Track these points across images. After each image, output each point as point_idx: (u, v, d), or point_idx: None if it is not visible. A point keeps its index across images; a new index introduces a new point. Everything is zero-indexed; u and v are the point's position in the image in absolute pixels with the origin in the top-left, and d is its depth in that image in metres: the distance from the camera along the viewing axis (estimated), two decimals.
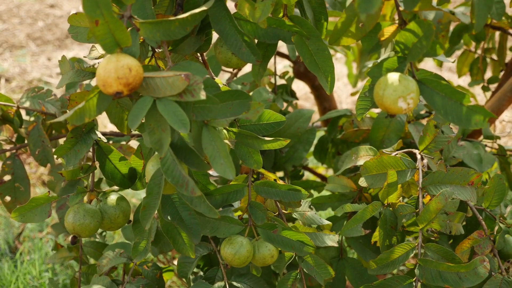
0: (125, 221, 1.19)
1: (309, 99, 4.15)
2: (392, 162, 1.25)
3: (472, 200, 1.21)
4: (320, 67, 1.09)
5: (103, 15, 0.82)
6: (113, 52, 0.86)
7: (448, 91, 0.91)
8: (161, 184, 0.96)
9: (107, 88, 0.84)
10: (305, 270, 1.23)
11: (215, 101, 0.89)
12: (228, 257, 1.15)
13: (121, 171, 1.20)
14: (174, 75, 0.84)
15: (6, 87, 4.37)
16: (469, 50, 2.31)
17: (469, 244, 1.27)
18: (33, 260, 2.57)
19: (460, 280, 1.12)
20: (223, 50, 1.10)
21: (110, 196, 1.19)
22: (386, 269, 1.19)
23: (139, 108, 0.86)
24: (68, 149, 1.12)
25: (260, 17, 0.95)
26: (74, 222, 1.12)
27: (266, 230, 1.18)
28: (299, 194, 1.19)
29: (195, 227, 1.12)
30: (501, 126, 3.79)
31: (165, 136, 0.88)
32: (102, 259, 1.41)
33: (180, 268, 1.36)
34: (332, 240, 1.25)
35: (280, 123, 1.13)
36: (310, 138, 1.79)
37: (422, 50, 0.92)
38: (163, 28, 0.90)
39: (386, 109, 0.91)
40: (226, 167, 0.91)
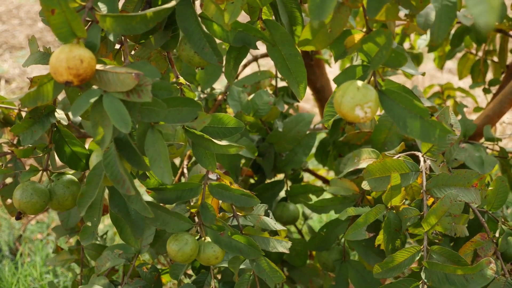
0: (74, 204, 1.21)
1: (309, 101, 4.15)
2: (396, 165, 1.25)
3: (476, 202, 1.21)
4: (292, 72, 1.08)
5: (60, 5, 0.83)
6: (69, 42, 0.87)
7: (409, 104, 0.90)
8: (101, 175, 0.97)
9: (58, 77, 0.86)
10: (256, 272, 1.24)
11: (163, 105, 0.90)
12: (171, 253, 1.17)
13: (77, 155, 1.21)
14: (126, 72, 0.85)
15: (6, 88, 4.37)
16: (470, 52, 2.31)
17: (472, 247, 1.27)
18: (34, 262, 2.57)
19: (467, 282, 1.12)
20: (186, 48, 1.10)
21: (62, 177, 1.20)
22: (391, 272, 1.19)
23: (84, 99, 0.87)
24: (25, 128, 1.13)
25: (229, 19, 0.96)
26: (21, 199, 1.14)
27: (214, 231, 1.20)
28: (251, 201, 1.21)
29: (140, 221, 1.12)
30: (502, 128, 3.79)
31: (108, 132, 0.88)
32: (100, 259, 1.41)
33: (172, 269, 1.36)
34: (284, 246, 1.26)
35: (238, 128, 1.14)
36: (310, 142, 1.79)
37: (382, 59, 0.92)
38: (124, 22, 0.90)
39: (344, 116, 0.91)
40: (165, 171, 0.91)
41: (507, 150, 1.83)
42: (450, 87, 2.41)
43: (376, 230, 1.39)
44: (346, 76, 0.96)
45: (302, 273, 1.79)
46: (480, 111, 2.32)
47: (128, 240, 1.20)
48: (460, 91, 2.37)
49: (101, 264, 1.40)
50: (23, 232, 2.79)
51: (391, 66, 0.94)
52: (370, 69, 0.94)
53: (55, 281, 2.46)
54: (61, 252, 1.71)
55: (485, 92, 2.24)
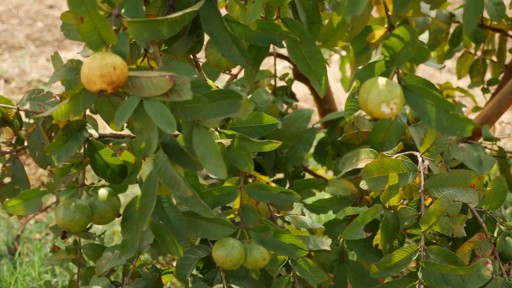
0: (115, 216, 1.20)
1: (308, 101, 4.15)
2: (394, 165, 1.25)
3: (474, 202, 1.21)
4: (313, 70, 1.09)
5: (89, 12, 0.82)
6: (99, 50, 0.86)
7: (433, 99, 0.91)
8: (156, 185, 0.96)
9: (91, 86, 0.85)
10: (298, 273, 1.23)
11: (204, 100, 0.89)
12: (219, 259, 1.15)
13: (111, 167, 1.21)
14: (159, 75, 0.85)
15: (5, 88, 4.37)
16: (469, 52, 2.31)
17: (469, 247, 1.27)
18: (32, 262, 2.57)
19: (464, 282, 1.12)
20: (213, 51, 1.10)
21: (100, 191, 1.20)
22: (388, 272, 1.19)
23: (126, 108, 0.87)
24: (59, 146, 1.13)
25: (250, 19, 0.95)
26: (64, 217, 1.13)
27: (258, 232, 1.18)
28: (291, 197, 1.19)
29: (182, 228, 1.12)
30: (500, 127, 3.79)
31: (153, 136, 0.88)
32: (101, 260, 1.41)
33: (178, 270, 1.35)
34: (325, 243, 1.25)
35: (272, 125, 1.13)
36: (310, 138, 1.78)
37: (408, 55, 0.92)
38: (151, 28, 0.90)
39: (370, 113, 0.91)
40: (218, 166, 0.90)
41: (506, 150, 1.83)
42: (449, 87, 2.40)
43: (374, 230, 1.39)
44: (368, 72, 0.96)
45: None
46: (479, 110, 2.31)
47: (170, 249, 1.18)
48: (459, 90, 2.37)
49: (102, 265, 1.40)
50: (22, 231, 2.79)
51: (415, 62, 0.94)
52: (394, 65, 0.94)
53: (54, 280, 2.46)
54: (58, 252, 1.70)
55: (484, 91, 2.24)
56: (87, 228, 1.67)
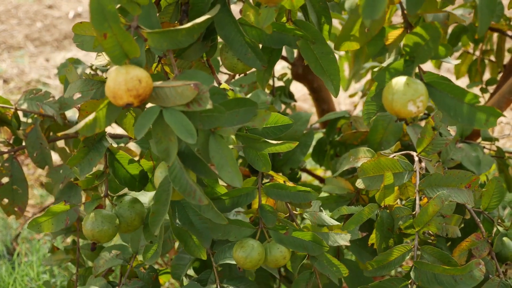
0: (141, 223, 1.20)
1: (307, 101, 4.15)
2: (389, 164, 1.25)
3: (469, 203, 1.21)
4: (326, 70, 1.09)
5: (111, 28, 0.83)
6: (121, 63, 0.87)
7: (457, 93, 0.91)
8: (169, 191, 0.96)
9: (118, 100, 0.85)
10: (318, 269, 1.23)
11: (222, 110, 0.89)
12: (240, 261, 1.16)
13: (131, 174, 1.21)
14: (184, 84, 0.84)
15: (4, 88, 4.37)
16: (468, 52, 2.31)
17: (466, 247, 1.27)
18: (31, 262, 2.57)
19: (456, 283, 1.12)
20: (228, 56, 1.10)
21: (124, 199, 1.20)
22: (382, 271, 1.19)
23: (146, 118, 0.87)
24: (81, 159, 1.13)
25: (264, 22, 0.95)
26: (93, 229, 1.13)
27: (277, 232, 1.19)
28: (308, 195, 1.19)
29: (206, 231, 1.14)
30: (499, 127, 3.79)
31: (172, 145, 0.88)
32: (98, 260, 1.41)
33: (174, 270, 1.36)
34: (344, 239, 1.24)
35: (287, 125, 1.13)
36: (308, 141, 1.78)
37: (430, 53, 0.92)
38: (170, 37, 0.90)
39: (396, 113, 0.91)
40: (234, 175, 0.91)
41: (505, 150, 1.83)
42: None
43: (370, 229, 1.39)
44: (388, 72, 0.96)
45: None
46: None
47: (194, 252, 1.20)
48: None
49: (99, 265, 1.40)
50: (20, 232, 2.79)
51: (437, 58, 0.94)
52: (415, 64, 0.94)
53: (52, 281, 2.46)
54: (57, 252, 1.71)
55: (482, 91, 2.24)
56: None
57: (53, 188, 1.76)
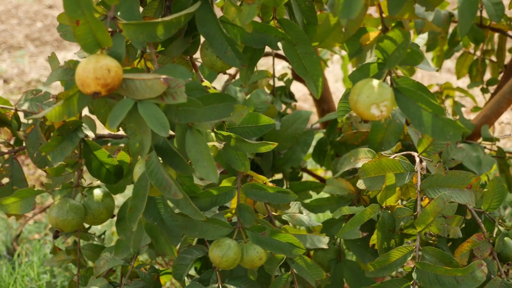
0: (109, 217, 1.20)
1: (307, 101, 4.15)
2: (391, 164, 1.25)
3: (470, 203, 1.21)
4: (308, 71, 1.08)
5: (84, 15, 0.82)
6: (94, 52, 0.86)
7: (424, 102, 0.90)
8: (147, 186, 0.96)
9: (85, 88, 0.85)
10: (296, 271, 1.23)
11: (198, 104, 0.89)
12: (216, 260, 1.16)
13: (107, 168, 1.21)
14: (154, 78, 0.85)
15: (4, 88, 4.37)
16: (468, 52, 2.31)
17: (468, 247, 1.27)
18: (31, 262, 2.57)
19: (458, 284, 1.11)
20: (208, 53, 1.10)
21: (95, 191, 1.20)
22: (383, 271, 1.19)
23: (119, 109, 0.87)
24: (54, 147, 1.13)
25: (246, 20, 0.95)
26: (58, 217, 1.14)
27: (254, 232, 1.19)
28: (287, 197, 1.20)
29: (176, 229, 1.12)
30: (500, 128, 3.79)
31: (146, 138, 0.88)
32: (99, 260, 1.40)
33: (175, 270, 1.35)
34: (322, 242, 1.25)
35: (268, 126, 1.13)
36: (308, 139, 1.78)
37: (400, 58, 0.91)
38: (147, 30, 0.90)
39: (359, 114, 0.91)
40: (209, 170, 0.91)
41: (505, 150, 1.82)
42: (449, 87, 2.40)
43: (371, 230, 1.39)
44: (361, 74, 0.96)
45: None
46: (478, 110, 2.31)
47: (164, 250, 1.19)
48: (459, 91, 2.37)
49: (100, 265, 1.40)
50: (21, 232, 2.79)
51: (408, 64, 0.93)
52: (386, 67, 0.94)
53: (53, 281, 2.46)
54: (58, 253, 1.70)
55: (483, 91, 2.24)
56: (86, 229, 1.67)
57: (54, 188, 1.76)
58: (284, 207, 1.25)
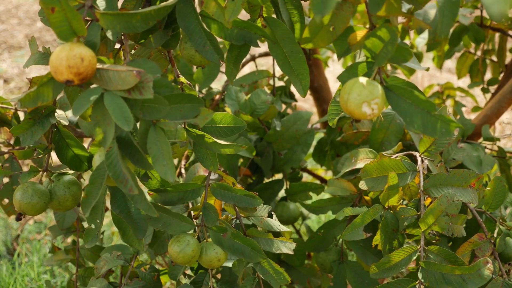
0: (74, 205, 1.20)
1: (308, 101, 4.14)
2: (393, 165, 1.25)
3: (474, 202, 1.21)
4: (294, 69, 1.08)
5: (60, 2, 0.82)
6: (69, 40, 0.86)
7: (415, 99, 0.90)
8: (104, 175, 0.96)
9: (58, 76, 0.85)
10: (260, 274, 1.23)
11: (164, 102, 0.89)
12: (173, 254, 1.15)
13: (77, 155, 1.20)
14: (127, 70, 0.84)
15: (4, 87, 4.36)
16: (469, 52, 2.31)
17: (469, 247, 1.27)
18: (31, 262, 2.56)
19: (464, 282, 1.11)
20: (187, 46, 1.10)
21: (63, 178, 1.19)
22: (388, 272, 1.18)
23: (86, 98, 0.87)
24: (25, 129, 1.13)
25: (230, 17, 0.95)
26: (21, 200, 1.14)
27: (216, 232, 1.18)
28: (254, 201, 1.20)
29: (142, 222, 1.11)
30: (500, 127, 3.79)
31: (110, 130, 0.88)
32: (99, 261, 1.40)
33: (170, 270, 1.35)
34: (288, 247, 1.24)
35: (239, 127, 1.13)
36: (308, 140, 1.78)
37: (388, 55, 0.91)
38: (124, 20, 0.89)
39: (350, 113, 0.91)
40: (168, 169, 0.90)
41: (506, 150, 1.82)
42: (450, 87, 2.40)
43: (374, 230, 1.39)
44: (350, 73, 0.96)
45: (300, 273, 1.78)
46: (479, 110, 2.31)
47: (131, 242, 1.18)
48: (460, 90, 2.37)
49: (100, 266, 1.39)
50: (21, 232, 2.79)
51: (396, 62, 0.93)
52: (375, 66, 0.93)
53: (53, 281, 2.46)
54: (57, 252, 1.70)
55: (484, 91, 2.24)
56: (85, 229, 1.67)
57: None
58: (251, 210, 1.25)
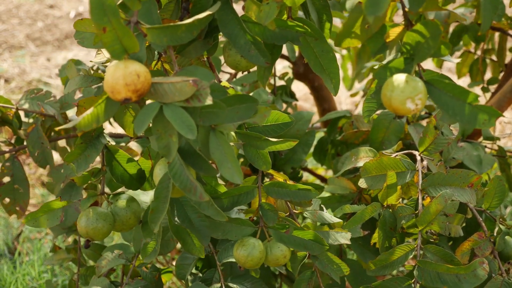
0: (137, 222, 1.20)
1: (308, 100, 4.15)
2: (392, 163, 1.25)
3: (472, 202, 1.21)
4: (325, 69, 1.09)
5: (111, 22, 0.83)
6: (121, 58, 0.86)
7: (456, 92, 0.91)
8: (169, 187, 0.96)
9: (116, 95, 0.85)
10: (319, 268, 1.23)
11: (222, 106, 0.89)
12: (241, 259, 1.15)
13: (129, 173, 1.21)
14: (182, 80, 0.84)
15: (5, 87, 4.37)
16: (469, 51, 2.31)
17: (469, 246, 1.27)
18: (32, 261, 2.57)
19: (459, 282, 1.12)
20: (232, 53, 1.10)
21: (120, 197, 1.20)
22: (385, 270, 1.19)
23: (146, 114, 0.87)
24: (78, 155, 1.13)
25: (266, 19, 0.95)
26: (87, 226, 1.13)
27: (277, 231, 1.19)
28: (309, 193, 1.19)
29: (204, 229, 1.13)
30: (500, 127, 3.79)
31: (173, 141, 0.88)
32: (101, 260, 1.41)
33: (178, 269, 1.35)
34: (344, 237, 1.24)
35: (287, 123, 1.14)
36: (309, 140, 1.78)
37: (430, 50, 0.92)
38: (170, 33, 0.90)
39: (394, 110, 0.92)
40: (234, 171, 0.91)
41: (506, 149, 1.83)
42: None
43: (372, 228, 1.39)
44: (387, 71, 0.96)
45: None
46: None
47: (192, 250, 1.20)
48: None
49: (102, 265, 1.40)
50: (22, 231, 2.79)
51: (437, 56, 0.94)
52: (415, 61, 0.94)
53: (54, 280, 2.46)
54: (58, 251, 1.71)
55: (484, 91, 2.24)
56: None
57: (54, 187, 1.76)
58: (305, 204, 1.24)
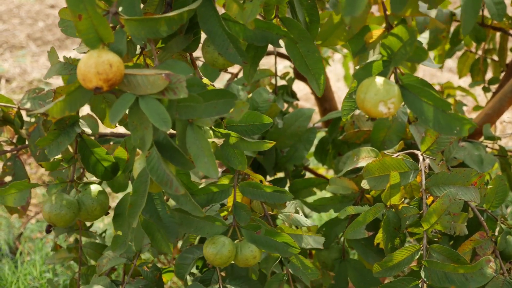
0: (102, 214, 1.21)
1: (309, 100, 4.15)
2: (395, 163, 1.25)
3: (476, 200, 1.21)
4: (310, 69, 1.09)
5: (87, 10, 0.82)
6: (95, 47, 0.86)
7: (431, 98, 0.91)
8: (147, 182, 0.96)
9: (87, 83, 0.85)
10: (291, 271, 1.23)
11: (199, 100, 0.90)
12: (209, 257, 1.16)
13: (103, 164, 1.21)
14: (155, 73, 0.85)
15: (6, 87, 4.37)
16: (470, 51, 2.31)
17: (470, 246, 1.27)
18: (33, 261, 2.57)
19: (467, 281, 1.12)
20: (210, 50, 1.10)
21: (90, 187, 1.20)
22: (390, 271, 1.19)
23: (121, 104, 0.87)
24: (50, 141, 1.13)
25: (248, 17, 0.95)
26: (51, 211, 1.14)
27: (249, 231, 1.19)
28: (283, 196, 1.20)
29: (173, 225, 1.12)
30: (501, 127, 3.79)
31: (148, 133, 0.88)
32: (101, 259, 1.41)
33: (177, 269, 1.36)
34: (317, 242, 1.25)
35: (266, 125, 1.13)
36: (310, 137, 1.78)
37: (406, 55, 0.92)
38: (148, 26, 0.90)
39: (367, 112, 0.92)
40: (210, 166, 0.91)
41: (507, 149, 1.83)
42: (450, 86, 2.40)
43: (376, 229, 1.39)
44: (365, 72, 0.97)
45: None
46: (480, 109, 2.31)
47: (160, 247, 1.19)
48: (460, 90, 2.37)
49: (102, 264, 1.40)
50: (23, 231, 2.79)
51: (413, 61, 0.94)
52: (392, 65, 0.94)
53: (55, 279, 2.47)
54: (60, 251, 1.71)
55: (485, 90, 2.24)
56: (87, 227, 1.67)
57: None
58: (280, 206, 1.25)
